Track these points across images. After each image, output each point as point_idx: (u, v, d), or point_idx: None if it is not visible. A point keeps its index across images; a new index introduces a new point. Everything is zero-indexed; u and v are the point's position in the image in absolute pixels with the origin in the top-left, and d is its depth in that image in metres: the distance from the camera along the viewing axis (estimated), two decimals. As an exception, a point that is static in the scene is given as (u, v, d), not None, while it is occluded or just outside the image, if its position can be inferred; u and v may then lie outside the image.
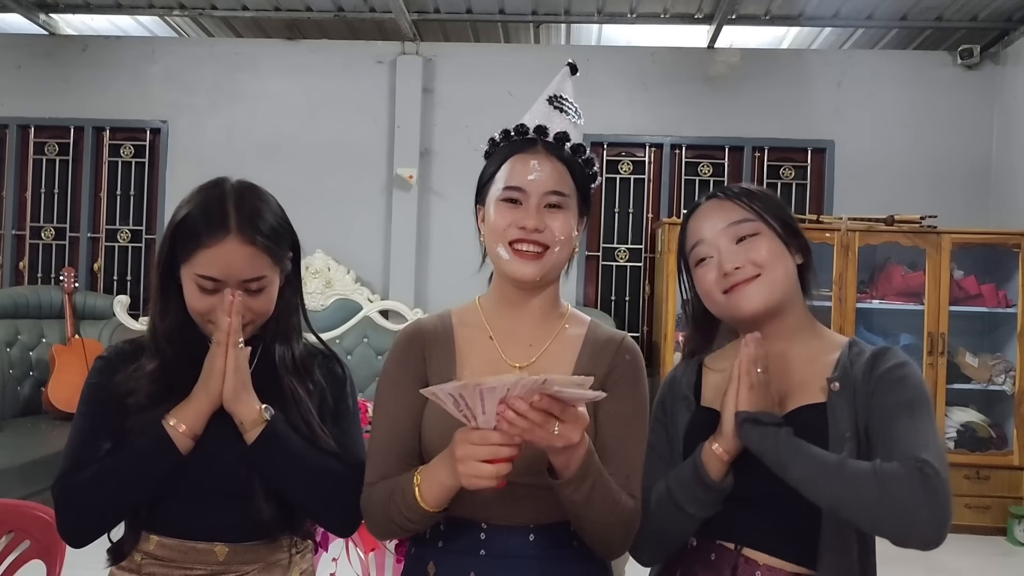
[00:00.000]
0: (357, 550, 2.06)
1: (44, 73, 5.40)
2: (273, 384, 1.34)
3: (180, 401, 1.28)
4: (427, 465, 1.15)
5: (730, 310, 1.30)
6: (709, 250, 1.32)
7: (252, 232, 1.30)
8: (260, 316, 1.34)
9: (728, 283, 1.29)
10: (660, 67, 5.23)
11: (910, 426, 1.16)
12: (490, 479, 1.06)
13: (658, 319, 4.94)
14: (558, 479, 1.11)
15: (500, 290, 1.30)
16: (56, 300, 4.86)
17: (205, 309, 1.30)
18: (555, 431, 1.04)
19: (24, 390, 4.65)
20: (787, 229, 1.32)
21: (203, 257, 1.28)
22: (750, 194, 1.34)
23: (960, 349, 4.61)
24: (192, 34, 5.69)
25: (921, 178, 5.01)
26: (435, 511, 1.15)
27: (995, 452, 4.45)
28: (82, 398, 1.35)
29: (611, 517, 1.17)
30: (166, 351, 1.33)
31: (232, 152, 5.22)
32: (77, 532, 1.28)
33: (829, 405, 1.23)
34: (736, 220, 1.31)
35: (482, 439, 1.06)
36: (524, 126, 1.27)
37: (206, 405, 1.27)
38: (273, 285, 1.35)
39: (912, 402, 1.19)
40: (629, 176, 5.28)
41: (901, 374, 1.22)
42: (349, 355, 4.91)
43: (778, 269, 1.28)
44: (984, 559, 4.07)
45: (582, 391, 1.04)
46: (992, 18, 4.83)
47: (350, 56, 5.32)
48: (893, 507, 1.07)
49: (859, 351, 1.28)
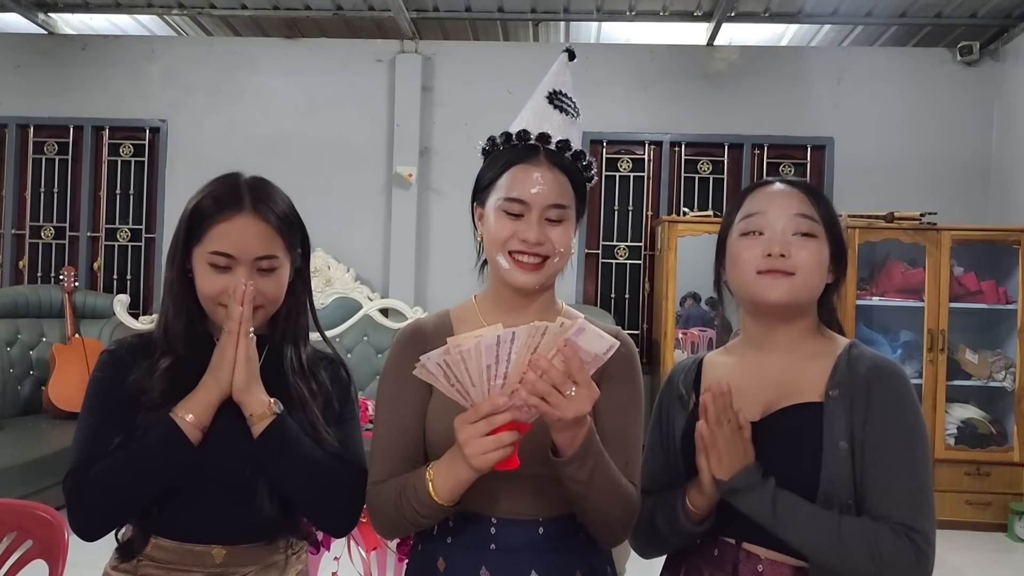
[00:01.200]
0: (359, 549, 2.06)
1: (43, 72, 5.40)
2: (280, 384, 1.34)
3: (178, 398, 1.28)
4: (439, 460, 1.16)
5: (753, 291, 1.29)
6: (765, 226, 1.30)
7: (266, 211, 1.32)
8: (271, 302, 1.34)
9: (767, 265, 1.27)
10: (659, 65, 5.23)
11: (906, 464, 1.19)
12: (497, 450, 1.08)
13: (658, 317, 4.94)
14: (561, 457, 1.13)
15: (497, 291, 1.32)
16: (56, 299, 4.87)
17: (217, 291, 1.29)
18: (571, 392, 1.06)
19: (24, 389, 4.66)
20: (837, 248, 1.33)
21: (216, 233, 1.30)
22: (822, 201, 1.34)
23: (960, 346, 4.61)
24: (191, 33, 5.69)
25: (921, 175, 5.02)
26: (449, 505, 1.16)
27: (995, 448, 4.46)
28: (90, 392, 1.33)
29: (613, 499, 1.19)
30: (179, 350, 1.33)
31: (231, 151, 5.22)
32: (89, 526, 1.27)
33: (826, 411, 1.23)
34: (806, 213, 1.30)
35: (476, 413, 1.08)
36: (527, 132, 1.27)
37: (215, 395, 1.26)
38: (284, 269, 1.35)
39: (910, 431, 1.21)
40: (628, 174, 5.28)
41: (899, 396, 1.23)
42: (349, 353, 4.92)
43: (813, 278, 1.29)
44: (984, 555, 4.08)
45: (600, 339, 1.07)
46: (991, 15, 4.83)
47: (349, 55, 5.32)
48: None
49: (858, 355, 1.28)
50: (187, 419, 1.25)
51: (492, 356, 1.06)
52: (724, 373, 1.36)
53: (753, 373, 1.33)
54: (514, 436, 1.09)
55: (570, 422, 1.08)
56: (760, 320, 1.34)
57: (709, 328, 4.93)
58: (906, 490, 1.18)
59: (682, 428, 1.35)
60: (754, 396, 1.30)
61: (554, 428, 1.11)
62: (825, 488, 1.19)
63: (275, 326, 1.40)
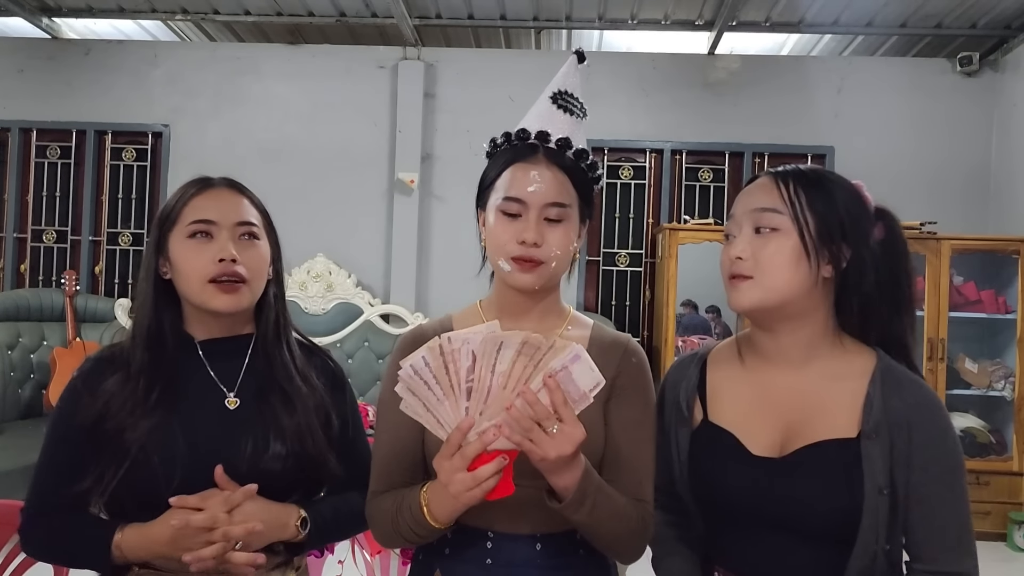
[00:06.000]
0: (363, 552, 2.06)
1: (46, 76, 5.41)
2: (278, 389, 1.33)
3: (157, 411, 1.25)
4: (434, 483, 1.14)
5: (728, 299, 1.22)
6: (734, 228, 1.22)
7: (242, 188, 1.36)
8: (255, 276, 1.32)
9: (728, 271, 1.21)
10: (661, 73, 5.25)
11: (950, 506, 1.13)
12: (477, 487, 1.06)
13: (658, 324, 4.94)
14: (560, 503, 1.11)
15: (501, 295, 1.29)
16: (57, 303, 4.87)
17: (202, 263, 1.28)
18: (554, 429, 1.03)
19: (25, 393, 4.65)
20: (824, 234, 1.16)
21: (192, 205, 1.31)
22: (802, 182, 1.19)
23: (960, 355, 4.62)
24: (194, 38, 5.71)
25: (920, 184, 5.03)
26: (445, 527, 1.15)
27: (995, 458, 4.46)
28: (50, 422, 1.32)
29: (619, 529, 1.17)
30: (142, 357, 1.29)
31: (234, 156, 5.23)
32: (37, 559, 1.35)
33: (865, 455, 1.13)
34: (763, 207, 1.19)
35: (448, 447, 1.07)
36: (526, 131, 1.24)
37: (164, 551, 1.22)
38: (264, 241, 1.35)
39: (951, 473, 1.14)
40: (630, 181, 5.29)
41: (942, 435, 1.15)
42: (350, 359, 4.92)
43: (777, 276, 1.16)
44: (984, 564, 4.01)
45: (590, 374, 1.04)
46: (991, 26, 4.85)
47: (352, 61, 5.34)
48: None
49: (893, 384, 1.16)
50: (115, 553, 1.22)
51: (470, 359, 1.05)
52: (732, 387, 1.26)
53: (766, 393, 1.23)
54: (495, 468, 1.06)
55: (554, 462, 1.05)
56: (756, 328, 1.25)
57: (708, 336, 4.94)
58: (952, 537, 1.14)
59: (687, 449, 1.26)
60: (769, 420, 1.20)
61: (543, 470, 1.07)
62: (865, 536, 1.11)
63: (263, 326, 1.37)
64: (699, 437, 1.25)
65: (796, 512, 1.14)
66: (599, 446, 1.22)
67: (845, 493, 1.12)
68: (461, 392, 1.06)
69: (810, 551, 1.16)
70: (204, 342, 1.35)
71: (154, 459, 1.23)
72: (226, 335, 1.35)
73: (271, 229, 1.39)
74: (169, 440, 1.24)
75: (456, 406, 1.07)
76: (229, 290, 1.29)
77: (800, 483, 1.14)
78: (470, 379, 1.06)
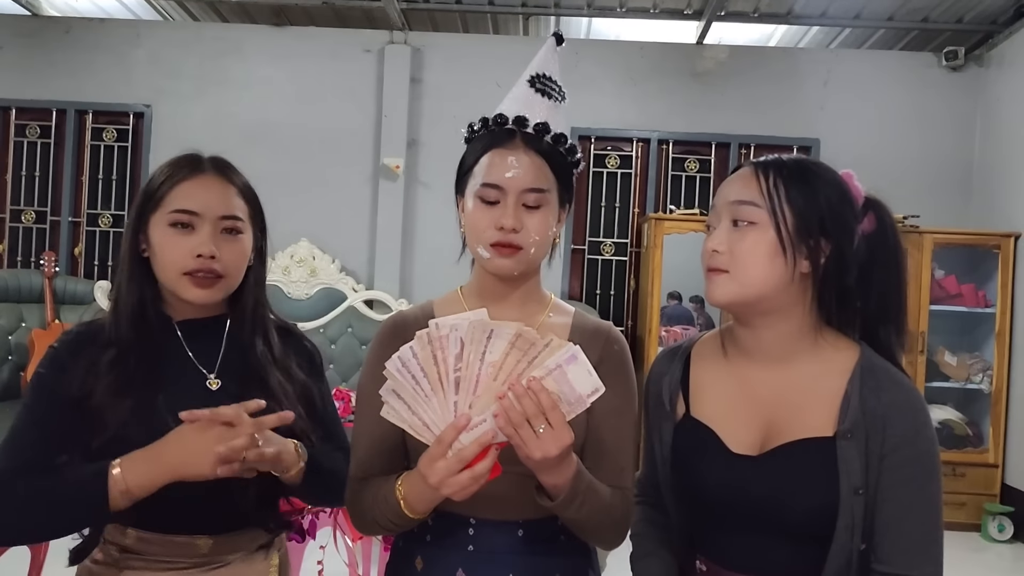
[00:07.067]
0: (345, 538, 2.06)
1: (26, 54, 5.32)
2: (258, 377, 1.32)
3: (140, 390, 1.23)
4: (409, 475, 1.13)
5: (706, 291, 1.20)
6: (714, 219, 1.20)
7: (230, 173, 1.32)
8: (233, 272, 1.30)
9: (706, 264, 1.19)
10: (648, 62, 5.24)
11: (917, 507, 1.11)
12: (475, 483, 1.05)
13: (643, 314, 4.95)
14: (551, 501, 1.11)
15: (481, 281, 1.28)
16: (36, 284, 4.81)
17: (180, 255, 1.26)
18: (540, 430, 1.03)
19: (3, 374, 4.60)
20: (801, 229, 1.14)
21: (178, 192, 1.27)
22: (783, 175, 1.16)
23: (939, 348, 4.67)
24: (177, 17, 5.63)
25: (904, 178, 5.05)
26: (423, 517, 1.15)
27: (971, 450, 4.52)
28: (30, 386, 1.28)
29: (604, 521, 1.18)
30: (127, 336, 1.27)
31: (216, 138, 5.16)
32: (3, 539, 1.24)
33: (840, 455, 1.11)
34: (740, 199, 1.16)
35: (440, 446, 1.05)
36: (503, 116, 1.22)
37: (167, 477, 1.17)
38: (248, 237, 1.33)
39: (926, 473, 1.12)
40: (616, 170, 5.29)
41: (915, 434, 1.13)
42: (333, 344, 4.90)
43: (753, 271, 1.14)
44: (959, 554, 4.13)
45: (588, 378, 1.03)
46: (977, 21, 4.88)
47: (338, 44, 5.29)
48: None
49: (873, 384, 1.14)
50: (119, 488, 1.16)
51: (458, 346, 1.03)
52: (714, 382, 1.25)
53: (746, 389, 1.21)
54: (491, 461, 1.05)
55: (539, 462, 1.04)
56: (736, 322, 1.24)
57: (692, 326, 4.95)
58: (914, 541, 1.11)
59: (670, 443, 1.25)
60: (749, 417, 1.20)
61: (530, 467, 1.07)
62: (841, 536, 1.10)
63: (240, 311, 1.35)
64: (681, 431, 1.25)
65: (774, 510, 1.14)
66: (580, 434, 1.21)
67: (822, 493, 1.11)
68: (450, 384, 1.05)
69: (789, 548, 1.16)
70: (182, 322, 1.33)
71: (140, 437, 1.20)
72: (202, 316, 1.34)
73: (257, 214, 1.37)
74: (156, 419, 1.23)
75: (444, 403, 1.05)
76: (204, 285, 1.28)
77: (777, 482, 1.14)
78: (458, 367, 1.05)
